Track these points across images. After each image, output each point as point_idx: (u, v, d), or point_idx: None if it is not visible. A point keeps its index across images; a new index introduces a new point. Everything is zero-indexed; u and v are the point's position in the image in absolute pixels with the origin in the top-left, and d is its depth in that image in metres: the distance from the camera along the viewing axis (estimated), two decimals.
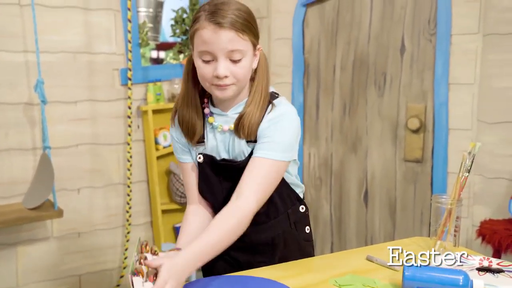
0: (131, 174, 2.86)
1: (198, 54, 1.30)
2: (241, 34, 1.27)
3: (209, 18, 1.26)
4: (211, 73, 1.29)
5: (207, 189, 1.44)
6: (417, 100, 2.66)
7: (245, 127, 1.33)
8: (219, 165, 1.40)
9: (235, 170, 1.36)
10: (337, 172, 2.98)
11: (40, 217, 2.43)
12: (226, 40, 1.26)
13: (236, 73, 1.30)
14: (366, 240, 2.91)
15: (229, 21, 1.25)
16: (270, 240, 1.44)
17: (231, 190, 1.35)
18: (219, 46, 1.26)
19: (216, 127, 1.38)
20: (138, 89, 2.91)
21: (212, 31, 1.26)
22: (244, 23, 1.28)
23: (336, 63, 2.92)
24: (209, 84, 1.31)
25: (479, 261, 1.35)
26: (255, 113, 1.34)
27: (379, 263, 1.39)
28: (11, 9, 2.47)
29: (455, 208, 1.43)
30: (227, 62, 1.28)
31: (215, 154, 1.41)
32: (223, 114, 1.39)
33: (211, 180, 1.42)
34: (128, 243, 2.90)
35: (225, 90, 1.31)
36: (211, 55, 1.28)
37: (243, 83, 1.35)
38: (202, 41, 1.27)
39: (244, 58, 1.30)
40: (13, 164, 2.55)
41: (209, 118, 1.39)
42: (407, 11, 2.64)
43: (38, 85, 2.37)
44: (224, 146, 1.39)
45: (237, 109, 1.38)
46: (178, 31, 3.18)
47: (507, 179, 2.38)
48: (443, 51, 2.52)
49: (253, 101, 1.35)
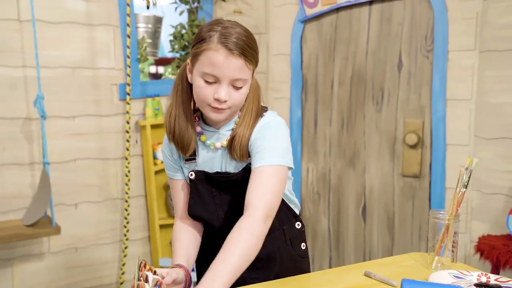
0: (129, 189, 2.85)
1: (201, 74, 1.30)
2: (248, 64, 1.29)
3: (222, 42, 1.26)
4: (211, 95, 1.29)
5: (200, 206, 1.43)
6: (415, 115, 2.67)
7: (237, 149, 1.33)
8: (212, 178, 1.39)
9: (229, 182, 1.37)
10: (335, 186, 2.99)
11: (37, 234, 2.42)
12: (235, 68, 1.27)
13: (235, 99, 1.31)
14: (364, 255, 2.90)
15: (240, 48, 1.27)
16: (266, 256, 1.41)
17: (224, 205, 1.37)
18: (227, 73, 1.27)
19: (209, 145, 1.39)
20: (136, 104, 2.92)
21: (224, 57, 1.26)
22: (251, 52, 1.30)
23: (334, 79, 2.93)
24: (206, 104, 1.32)
25: (477, 277, 1.35)
26: (245, 134, 1.34)
27: (377, 279, 1.39)
28: (11, 24, 2.48)
29: (453, 223, 1.43)
30: (229, 87, 1.30)
31: (207, 169, 1.41)
32: (215, 131, 1.40)
33: (204, 196, 1.42)
34: (125, 258, 2.89)
35: (220, 113, 1.32)
36: (216, 78, 1.28)
37: (238, 108, 1.36)
38: (210, 63, 1.27)
39: (245, 86, 1.32)
40: (10, 179, 2.54)
41: (201, 137, 1.40)
42: (404, 27, 2.67)
43: (37, 100, 2.37)
44: (218, 162, 1.40)
45: (229, 126, 1.39)
46: (177, 47, 3.20)
47: (505, 195, 2.38)
48: (440, 67, 2.54)
49: (243, 122, 1.36)
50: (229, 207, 1.40)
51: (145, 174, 2.97)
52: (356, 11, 2.82)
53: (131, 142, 2.87)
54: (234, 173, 1.37)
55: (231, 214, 1.38)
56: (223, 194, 1.40)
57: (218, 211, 1.40)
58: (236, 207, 1.35)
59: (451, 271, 1.38)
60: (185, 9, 3.21)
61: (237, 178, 1.36)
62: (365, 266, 1.46)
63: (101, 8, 2.73)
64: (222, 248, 1.18)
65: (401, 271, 1.44)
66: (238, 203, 1.32)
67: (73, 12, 2.65)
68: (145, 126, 2.89)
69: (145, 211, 3.00)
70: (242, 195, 1.29)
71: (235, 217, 1.26)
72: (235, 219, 1.24)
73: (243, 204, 1.27)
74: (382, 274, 1.40)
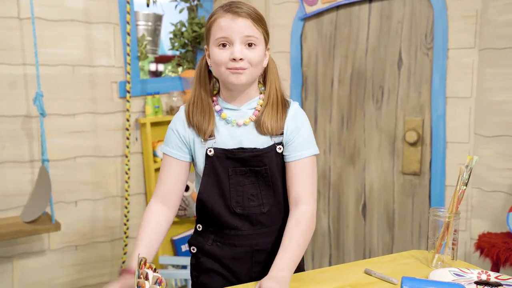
0: (129, 186, 2.86)
1: (215, 42, 1.37)
2: (256, 25, 1.37)
3: (227, 9, 1.36)
4: (227, 57, 1.35)
5: (214, 185, 1.42)
6: (415, 113, 2.67)
7: (268, 128, 1.39)
8: (233, 154, 1.40)
9: (253, 157, 1.39)
10: (335, 184, 2.99)
11: (37, 231, 2.42)
12: (243, 26, 1.35)
13: (250, 58, 1.36)
14: (364, 253, 2.90)
15: (245, 11, 1.36)
16: (269, 247, 1.44)
17: (238, 186, 1.40)
18: (236, 31, 1.34)
19: (231, 121, 1.42)
20: (136, 101, 2.92)
21: (230, 19, 1.35)
22: (258, 17, 1.38)
23: (334, 77, 2.93)
24: (225, 68, 1.36)
25: (477, 275, 1.35)
26: (277, 112, 1.41)
27: (378, 277, 1.39)
28: (10, 22, 2.48)
29: (453, 221, 1.43)
30: (242, 47, 1.35)
31: (229, 146, 1.41)
32: (237, 109, 1.43)
33: (220, 176, 1.41)
34: (125, 256, 2.89)
35: (239, 75, 1.36)
36: (228, 40, 1.35)
37: (255, 71, 1.40)
38: (219, 28, 1.36)
39: (258, 47, 1.37)
40: (10, 177, 2.54)
41: (222, 114, 1.43)
42: (404, 25, 2.67)
43: (37, 98, 2.37)
44: (242, 138, 1.41)
45: (251, 105, 1.44)
46: (177, 45, 3.20)
47: (505, 192, 2.39)
48: (440, 65, 2.53)
49: (269, 100, 1.42)
50: (242, 189, 1.41)
51: (145, 172, 2.97)
52: (356, 9, 2.82)
53: (131, 140, 2.87)
54: (262, 148, 1.40)
55: (242, 196, 1.41)
56: (238, 175, 1.41)
57: (231, 192, 1.41)
58: (248, 189, 1.41)
59: (451, 269, 1.38)
60: (185, 7, 3.21)
61: (263, 153, 1.39)
62: (365, 264, 1.46)
63: (101, 6, 2.73)
64: (287, 240, 1.34)
65: (401, 269, 1.45)
66: (251, 185, 1.40)
67: (73, 10, 2.65)
68: (145, 124, 2.89)
69: (145, 209, 3.00)
70: (259, 175, 1.39)
71: (245, 200, 1.39)
72: (245, 202, 1.39)
73: (255, 186, 1.39)
74: (382, 272, 1.40)
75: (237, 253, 1.43)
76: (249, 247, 1.43)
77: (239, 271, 1.45)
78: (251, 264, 1.45)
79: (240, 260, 1.44)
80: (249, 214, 1.41)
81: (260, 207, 1.42)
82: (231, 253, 1.43)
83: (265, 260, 1.43)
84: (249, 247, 1.43)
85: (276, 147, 1.41)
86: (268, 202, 1.42)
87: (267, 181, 1.41)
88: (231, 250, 1.43)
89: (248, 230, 1.42)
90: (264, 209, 1.42)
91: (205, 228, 1.48)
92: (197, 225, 1.50)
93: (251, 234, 1.42)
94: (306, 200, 1.39)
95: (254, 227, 1.41)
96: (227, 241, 1.43)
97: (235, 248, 1.43)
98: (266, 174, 1.40)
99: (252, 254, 1.44)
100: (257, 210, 1.41)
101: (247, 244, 1.42)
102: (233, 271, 1.45)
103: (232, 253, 1.43)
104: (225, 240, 1.43)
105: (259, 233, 1.43)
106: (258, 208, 1.42)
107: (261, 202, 1.42)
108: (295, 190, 1.39)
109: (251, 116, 1.42)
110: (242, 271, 1.45)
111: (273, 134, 1.40)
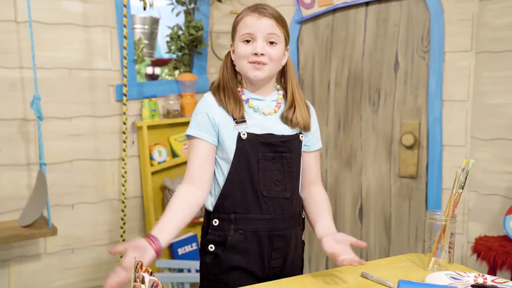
0: (126, 189, 2.85)
1: (240, 38, 1.49)
2: (278, 25, 1.50)
3: (253, 10, 1.50)
4: (249, 51, 1.48)
5: (244, 167, 1.49)
6: (411, 116, 2.67)
7: (300, 124, 1.55)
8: (264, 139, 1.50)
9: (282, 143, 1.52)
10: (332, 187, 2.99)
11: (33, 235, 2.41)
12: (267, 25, 1.48)
13: (270, 53, 1.48)
14: (361, 256, 2.90)
15: (269, 12, 1.49)
16: (287, 233, 1.54)
17: (266, 171, 1.49)
18: (260, 29, 1.47)
19: (258, 110, 1.54)
20: (133, 105, 2.92)
21: (256, 18, 1.48)
22: (280, 18, 1.52)
23: (331, 80, 2.94)
24: (246, 62, 1.49)
25: (473, 278, 1.35)
26: (304, 109, 1.57)
27: (374, 280, 1.39)
28: (8, 25, 2.48)
29: (449, 224, 1.43)
30: (264, 43, 1.48)
31: (259, 131, 1.51)
32: (262, 99, 1.56)
33: (250, 158, 1.49)
34: (122, 259, 2.88)
35: (260, 69, 1.48)
36: (252, 37, 1.48)
37: (274, 67, 1.52)
38: (245, 25, 1.49)
39: (278, 45, 1.50)
40: (6, 180, 2.53)
41: (250, 103, 1.54)
42: (401, 28, 2.67)
43: (34, 101, 2.37)
44: (272, 125, 1.53)
45: (273, 97, 1.58)
46: (174, 48, 3.20)
47: (502, 196, 2.39)
48: (436, 68, 2.54)
49: (295, 97, 1.56)
50: (269, 174, 1.51)
51: (141, 175, 2.97)
52: (352, 12, 2.82)
53: (127, 143, 2.86)
54: (290, 135, 1.54)
55: (270, 180, 1.51)
56: (266, 160, 1.50)
57: (260, 175, 1.49)
58: (274, 174, 1.51)
59: (448, 272, 1.38)
60: (181, 10, 3.21)
61: (290, 139, 1.53)
62: (362, 267, 1.46)
63: (97, 9, 2.73)
64: (319, 204, 1.60)
65: (398, 272, 1.45)
66: (277, 171, 1.51)
67: (70, 14, 2.65)
68: (141, 127, 2.89)
69: (142, 212, 3.00)
70: (284, 161, 1.52)
71: (272, 184, 1.50)
72: (272, 186, 1.50)
73: (280, 172, 1.51)
74: (378, 275, 1.40)
75: (259, 239, 1.49)
76: (271, 231, 1.50)
77: (260, 260, 1.51)
78: (271, 251, 1.51)
79: (262, 246, 1.50)
80: (274, 198, 1.51)
81: (283, 192, 1.52)
82: (254, 239, 1.49)
83: (283, 247, 1.53)
84: (270, 232, 1.50)
85: (299, 135, 1.56)
86: (290, 188, 1.53)
87: (291, 168, 1.53)
88: (253, 236, 1.49)
89: (271, 214, 1.50)
90: (287, 195, 1.52)
91: (224, 219, 1.51)
92: (212, 221, 1.52)
93: (273, 219, 1.50)
94: (320, 183, 1.65)
95: (275, 212, 1.50)
96: (249, 226, 1.50)
97: (258, 232, 1.49)
98: (291, 160, 1.53)
99: (272, 239, 1.51)
100: (280, 195, 1.52)
101: (269, 228, 1.50)
102: (255, 261, 1.50)
103: (255, 238, 1.49)
104: (248, 225, 1.50)
105: (280, 218, 1.52)
106: (281, 193, 1.52)
107: (284, 187, 1.52)
108: (313, 173, 1.63)
109: (274, 107, 1.56)
110: (262, 260, 1.51)
111: (304, 130, 1.56)
